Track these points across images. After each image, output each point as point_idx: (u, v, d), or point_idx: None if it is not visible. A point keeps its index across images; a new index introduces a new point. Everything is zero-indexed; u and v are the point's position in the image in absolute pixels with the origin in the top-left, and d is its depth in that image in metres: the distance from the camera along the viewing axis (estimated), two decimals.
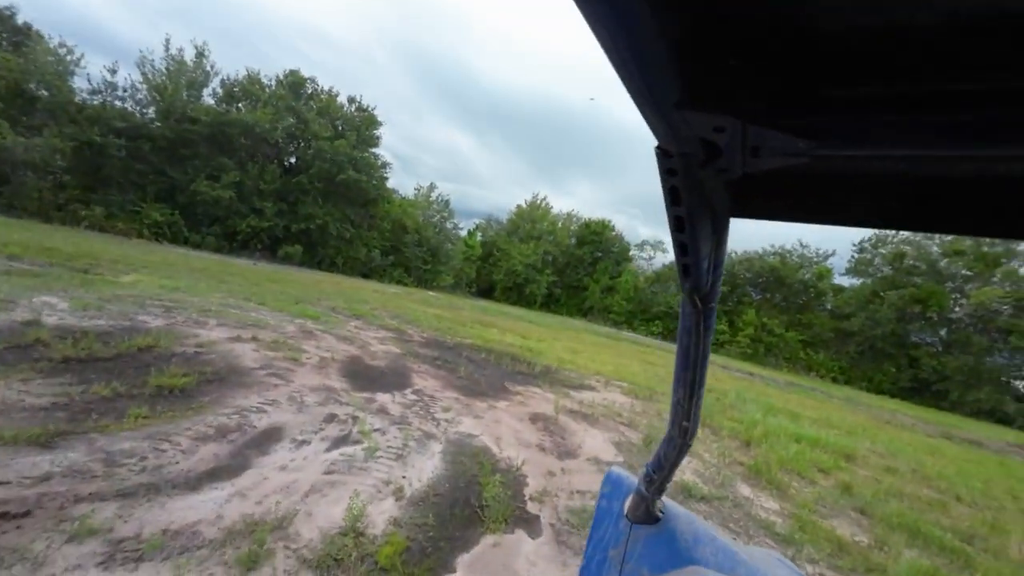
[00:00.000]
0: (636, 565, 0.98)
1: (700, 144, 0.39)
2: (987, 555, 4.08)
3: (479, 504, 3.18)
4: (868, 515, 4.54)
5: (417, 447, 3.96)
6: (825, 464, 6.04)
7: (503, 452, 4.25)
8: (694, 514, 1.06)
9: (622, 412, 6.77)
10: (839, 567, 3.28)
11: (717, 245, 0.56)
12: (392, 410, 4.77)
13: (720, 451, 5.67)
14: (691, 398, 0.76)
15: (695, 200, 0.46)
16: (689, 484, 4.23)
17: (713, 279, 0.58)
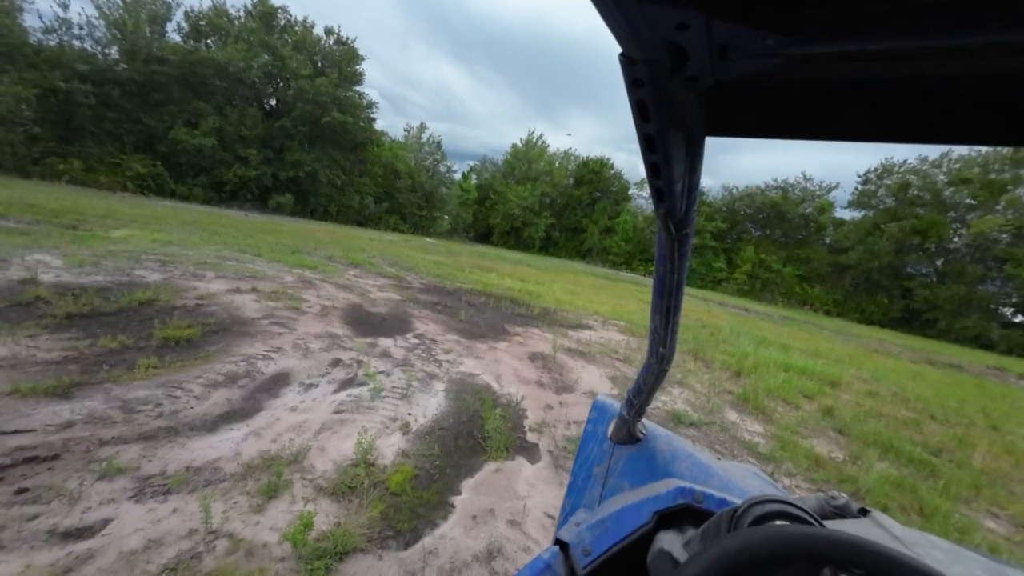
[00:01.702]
0: (617, 480, 1.07)
1: (665, 48, 0.36)
2: (951, 465, 4.43)
3: (481, 436, 3.39)
4: (846, 434, 4.86)
5: (421, 387, 4.14)
6: (810, 390, 6.36)
7: (504, 389, 4.46)
8: (673, 434, 1.13)
9: (618, 349, 7.00)
10: (814, 479, 3.57)
11: (692, 166, 0.54)
12: (395, 353, 4.93)
13: (711, 382, 5.94)
14: (667, 325, 0.78)
15: (665, 115, 0.44)
16: (680, 412, 4.48)
17: (688, 204, 0.57)
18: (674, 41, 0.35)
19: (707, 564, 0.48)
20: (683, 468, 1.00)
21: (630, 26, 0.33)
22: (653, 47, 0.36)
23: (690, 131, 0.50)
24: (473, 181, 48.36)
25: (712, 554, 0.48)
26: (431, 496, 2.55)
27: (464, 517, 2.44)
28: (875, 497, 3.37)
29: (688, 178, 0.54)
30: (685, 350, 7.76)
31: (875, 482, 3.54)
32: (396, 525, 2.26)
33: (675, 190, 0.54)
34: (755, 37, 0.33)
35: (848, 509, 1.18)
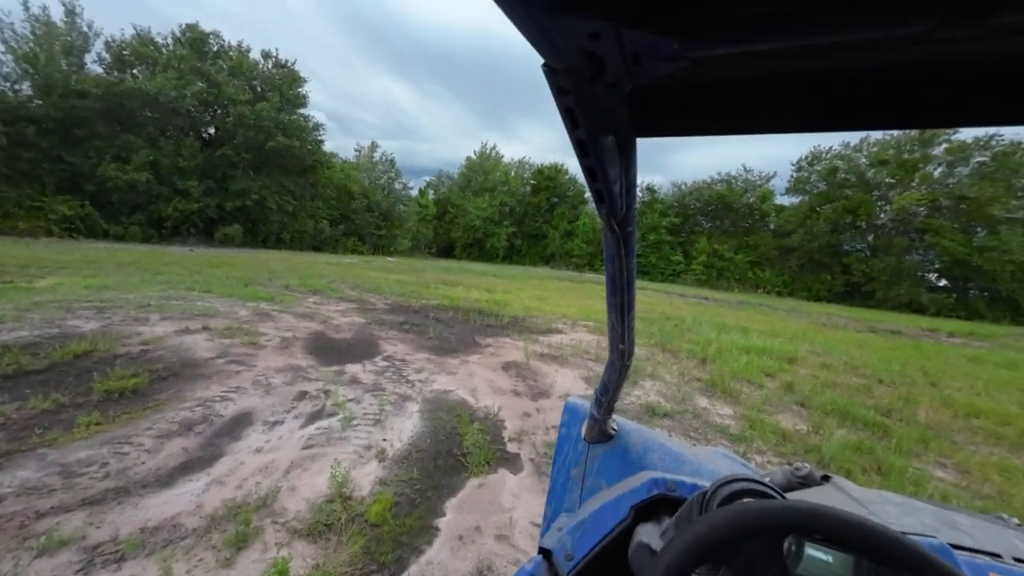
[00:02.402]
0: (595, 479, 1.08)
1: (583, 56, 0.37)
2: (901, 423, 4.78)
3: (461, 453, 3.33)
4: (807, 407, 5.15)
5: (394, 410, 4.02)
6: (771, 369, 6.70)
7: (480, 402, 4.41)
8: (644, 427, 1.16)
9: (589, 349, 7.10)
10: (783, 453, 3.75)
11: (626, 167, 0.56)
12: (364, 379, 4.77)
13: (680, 371, 6.14)
14: (623, 321, 0.80)
15: (593, 121, 0.46)
16: (654, 404, 4.59)
17: (627, 203, 0.59)
18: (590, 50, 0.36)
19: (679, 550, 0.49)
20: (656, 459, 1.03)
21: (545, 38, 0.35)
22: (571, 57, 0.37)
23: (620, 134, 0.52)
24: (431, 196, 48.09)
25: (683, 540, 0.50)
26: (414, 522, 2.47)
27: (450, 539, 2.37)
28: (839, 462, 3.57)
29: (624, 178, 0.57)
30: (653, 343, 7.99)
31: (837, 449, 3.76)
32: (379, 558, 2.16)
33: (613, 191, 0.56)
34: (662, 43, 0.35)
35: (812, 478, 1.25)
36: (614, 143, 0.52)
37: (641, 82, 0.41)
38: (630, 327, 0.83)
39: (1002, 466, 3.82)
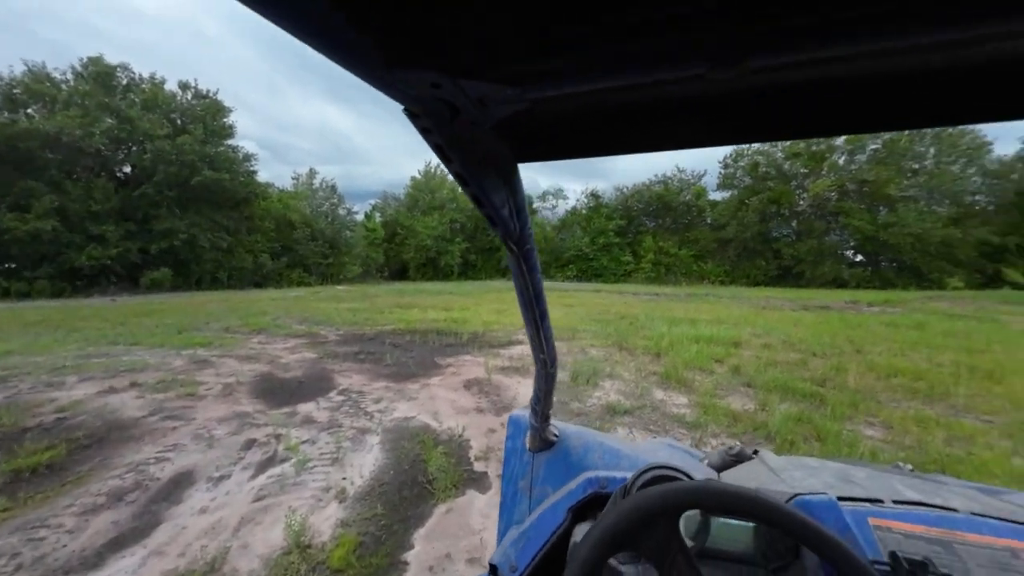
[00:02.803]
0: (541, 488, 1.10)
1: (437, 100, 0.40)
2: (834, 391, 5.22)
3: (426, 480, 3.25)
4: (753, 386, 5.49)
5: (353, 446, 3.85)
6: (719, 355, 7.09)
7: (443, 425, 4.32)
8: (585, 428, 1.20)
9: None
10: (734, 433, 3.97)
11: (512, 191, 0.60)
12: (319, 417, 4.54)
13: (636, 368, 6.36)
14: (539, 332, 0.84)
15: (466, 154, 0.49)
16: (614, 403, 4.71)
17: (520, 223, 0.63)
18: (438, 96, 0.39)
19: (591, 543, 0.52)
20: (596, 459, 1.07)
21: (391, 88, 0.37)
22: (426, 102, 0.40)
23: (499, 163, 0.56)
24: (378, 219, 46.97)
25: (594, 533, 0.52)
26: (380, 560, 2.37)
27: (420, 571, 2.30)
28: (783, 435, 3.84)
29: (512, 202, 0.60)
30: (611, 343, 8.22)
31: (780, 422, 4.04)
32: None
33: (503, 214, 0.59)
34: (498, 89, 0.39)
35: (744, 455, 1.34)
36: (493, 171, 0.56)
37: (490, 124, 0.45)
38: (547, 336, 0.86)
39: (918, 417, 4.27)
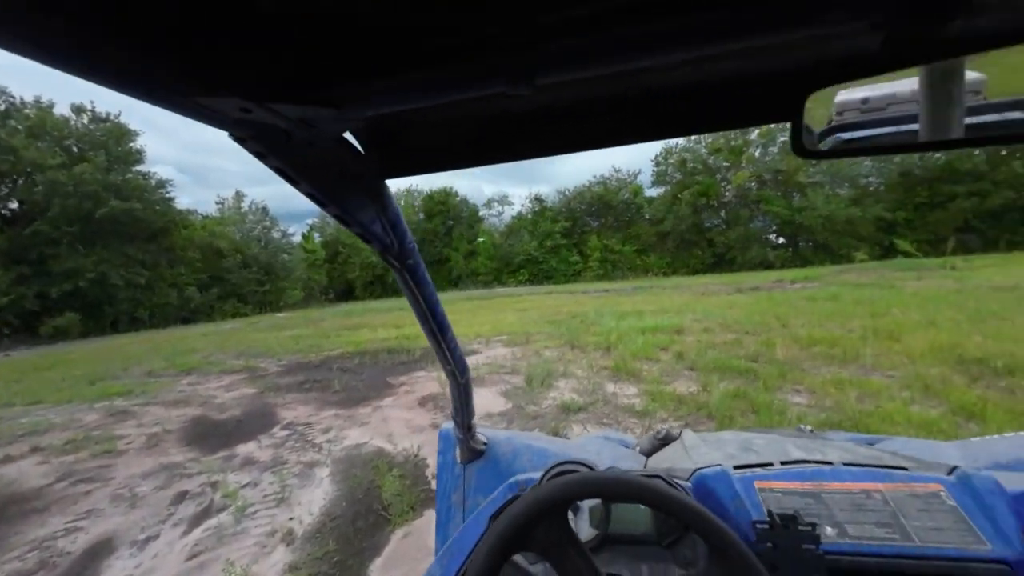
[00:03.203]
0: (473, 499, 1.09)
1: (261, 126, 0.39)
2: (766, 365, 5.65)
3: (382, 506, 3.12)
4: (695, 369, 5.81)
5: (300, 482, 3.62)
6: (664, 343, 7.45)
7: (398, 446, 4.18)
8: (515, 432, 1.21)
9: (505, 364, 7.19)
10: (680, 415, 4.18)
11: (383, 207, 0.59)
12: (260, 457, 4.22)
13: (588, 364, 6.52)
14: (441, 344, 0.84)
15: (316, 175, 0.47)
16: (568, 402, 4.79)
17: (397, 238, 0.62)
18: (256, 120, 0.38)
19: (484, 553, 0.52)
20: (525, 462, 1.07)
21: (204, 116, 0.35)
22: (248, 127, 0.39)
23: (362, 180, 0.55)
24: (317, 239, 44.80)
25: (485, 542, 0.53)
26: None
27: None
28: (723, 411, 4.09)
29: (384, 217, 0.60)
30: (563, 343, 8.38)
31: (719, 400, 4.31)
32: None
33: (375, 231, 0.58)
34: (313, 111, 0.39)
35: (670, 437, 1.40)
36: (356, 188, 0.55)
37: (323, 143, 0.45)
38: (452, 347, 0.86)
39: (835, 380, 4.73)
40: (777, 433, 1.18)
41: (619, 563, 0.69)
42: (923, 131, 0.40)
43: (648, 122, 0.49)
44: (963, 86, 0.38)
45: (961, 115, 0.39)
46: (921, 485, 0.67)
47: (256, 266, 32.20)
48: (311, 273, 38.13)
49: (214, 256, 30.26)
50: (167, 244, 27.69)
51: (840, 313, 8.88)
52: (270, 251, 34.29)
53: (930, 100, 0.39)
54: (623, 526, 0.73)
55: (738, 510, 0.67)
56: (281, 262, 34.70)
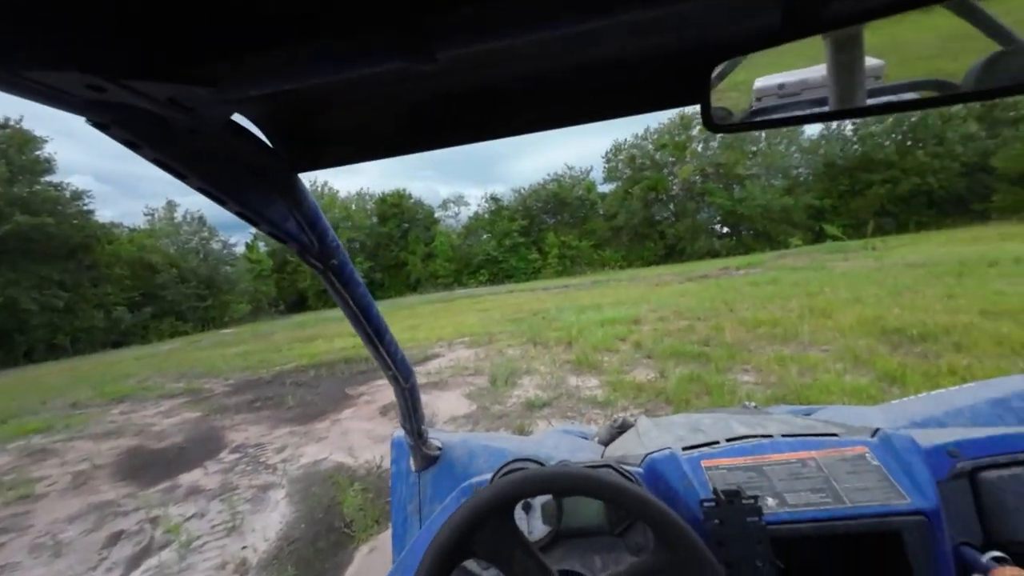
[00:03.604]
0: (431, 508, 1.05)
1: (123, 109, 0.33)
2: (716, 348, 5.95)
3: (344, 523, 2.98)
4: (653, 357, 6.02)
5: (253, 507, 3.39)
6: (622, 334, 7.66)
7: (359, 459, 4.02)
8: (470, 434, 1.18)
9: (468, 365, 7.12)
10: (640, 402, 4.31)
11: (296, 203, 0.54)
12: (207, 484, 3.92)
13: (551, 359, 6.59)
14: (378, 349, 0.79)
15: (207, 168, 0.42)
16: (532, 399, 4.81)
17: (317, 236, 0.57)
18: (114, 101, 0.32)
19: (426, 564, 0.49)
20: (482, 464, 1.04)
21: (47, 97, 0.30)
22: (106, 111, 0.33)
23: (269, 173, 0.50)
24: (262, 249, 42.23)
25: (427, 555, 0.50)
26: None
27: None
28: (680, 394, 4.26)
29: (298, 214, 0.54)
30: (525, 340, 8.42)
31: (676, 384, 4.49)
32: None
33: (289, 229, 0.53)
34: (189, 91, 0.34)
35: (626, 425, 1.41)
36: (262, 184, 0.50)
37: (207, 128, 0.40)
38: (392, 351, 0.82)
39: (778, 358, 5.06)
40: (724, 412, 1.22)
41: (572, 558, 0.68)
42: (830, 101, 0.41)
43: (567, 107, 0.48)
44: (863, 56, 0.39)
45: (862, 86, 0.40)
46: (849, 449, 0.70)
47: (195, 280, 29.96)
48: (258, 285, 35.98)
49: (146, 272, 27.86)
50: (88, 262, 25.17)
51: (780, 295, 9.52)
52: (210, 263, 32.05)
53: (834, 71, 0.40)
54: (577, 519, 0.72)
55: (687, 490, 0.68)
56: (224, 275, 32.55)
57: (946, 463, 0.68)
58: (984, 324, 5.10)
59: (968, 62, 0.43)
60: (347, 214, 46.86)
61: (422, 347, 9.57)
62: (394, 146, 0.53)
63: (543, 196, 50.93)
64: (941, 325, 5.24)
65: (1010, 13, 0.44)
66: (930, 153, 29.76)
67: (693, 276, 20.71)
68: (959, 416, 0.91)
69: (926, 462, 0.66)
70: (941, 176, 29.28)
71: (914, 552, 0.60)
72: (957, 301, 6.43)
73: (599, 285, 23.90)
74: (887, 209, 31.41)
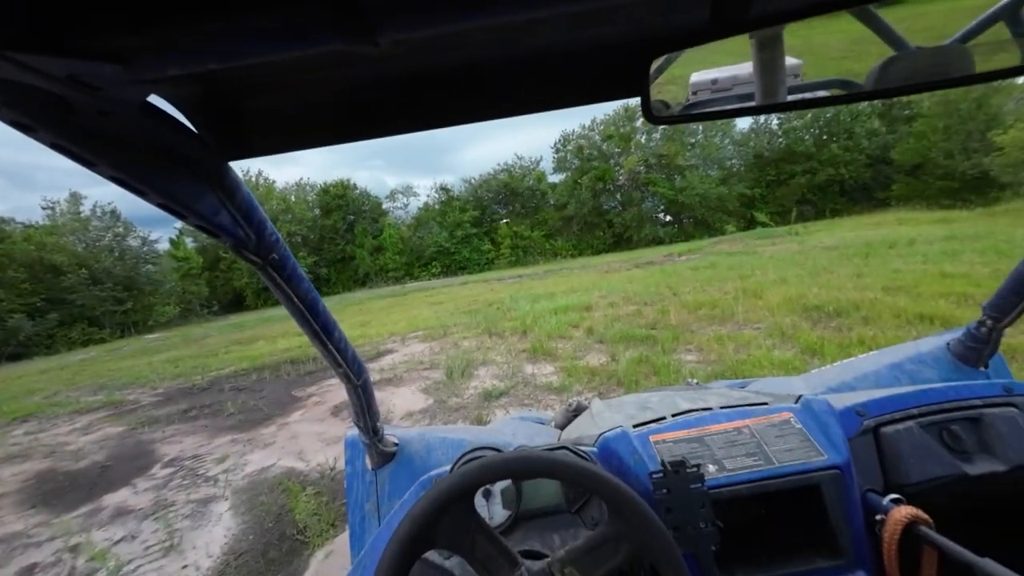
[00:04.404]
0: (389, 505, 1.03)
1: (14, 86, 0.29)
2: (663, 330, 6.28)
3: (297, 530, 2.86)
4: (604, 342, 6.25)
5: (193, 523, 3.16)
6: (575, 321, 7.88)
7: (311, 462, 3.86)
8: (428, 428, 1.17)
9: (423, 359, 7.02)
10: (594, 385, 4.48)
11: (229, 194, 0.50)
12: (137, 504, 3.59)
13: (506, 349, 6.65)
14: (326, 344, 0.76)
15: (121, 155, 0.38)
16: (489, 389, 4.84)
17: (254, 230, 0.54)
18: (12, 79, 0.28)
19: (387, 558, 0.49)
20: (441, 456, 1.04)
21: None
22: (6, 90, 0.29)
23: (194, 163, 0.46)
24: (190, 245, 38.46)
25: (390, 546, 0.50)
26: None
27: None
28: (630, 376, 4.47)
29: (230, 205, 0.51)
30: (481, 331, 8.42)
31: (626, 367, 4.70)
32: None
33: (221, 223, 0.49)
34: (83, 68, 0.30)
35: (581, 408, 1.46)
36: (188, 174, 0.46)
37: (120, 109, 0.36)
38: (341, 347, 0.79)
39: (717, 337, 5.45)
40: (670, 390, 1.30)
41: (532, 538, 0.70)
42: (756, 96, 0.45)
43: (511, 96, 0.48)
44: (784, 55, 0.42)
45: (783, 82, 0.44)
46: (777, 415, 0.78)
47: (111, 282, 26.89)
48: (186, 284, 32.91)
49: (48, 274, 24.66)
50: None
51: (718, 279, 10.21)
52: (127, 262, 28.88)
53: (759, 69, 0.43)
54: (536, 501, 0.75)
55: (637, 464, 0.72)
56: (145, 274, 29.50)
57: (855, 422, 0.77)
58: (885, 299, 5.78)
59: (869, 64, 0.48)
60: (287, 206, 44.07)
61: (374, 343, 9.30)
62: (332, 134, 0.51)
63: (494, 186, 50.71)
64: (851, 301, 5.88)
65: (903, 21, 0.49)
66: (842, 147, 33.05)
67: (640, 263, 21.62)
68: (865, 380, 1.04)
69: (839, 422, 0.75)
70: (851, 168, 32.61)
71: (830, 501, 0.68)
72: (864, 279, 7.24)
73: (552, 274, 24.33)
74: (807, 197, 34.52)
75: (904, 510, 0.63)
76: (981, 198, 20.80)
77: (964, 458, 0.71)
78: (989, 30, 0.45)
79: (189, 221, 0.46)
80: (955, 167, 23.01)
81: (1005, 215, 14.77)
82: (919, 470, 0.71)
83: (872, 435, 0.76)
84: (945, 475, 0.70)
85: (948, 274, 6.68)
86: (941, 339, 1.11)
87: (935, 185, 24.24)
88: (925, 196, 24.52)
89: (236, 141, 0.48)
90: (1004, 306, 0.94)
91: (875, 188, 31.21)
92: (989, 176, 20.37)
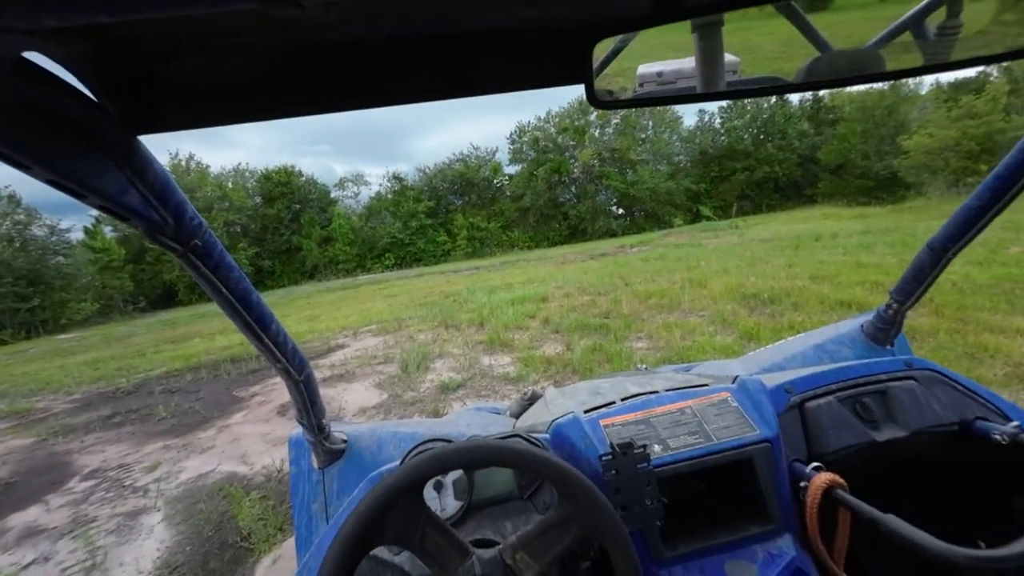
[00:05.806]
0: (337, 504, 1.00)
1: None
2: (615, 319, 6.51)
3: (240, 537, 2.70)
4: (560, 332, 6.38)
5: (119, 538, 2.90)
6: (532, 311, 7.97)
7: (255, 466, 3.65)
8: (378, 423, 1.14)
9: (377, 354, 6.82)
10: (550, 374, 4.57)
11: (138, 172, 0.45)
12: (51, 522, 3.24)
13: (463, 341, 6.61)
14: (263, 339, 0.72)
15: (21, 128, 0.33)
16: (446, 382, 4.80)
17: (173, 213, 0.48)
18: None
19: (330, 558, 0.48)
20: (392, 451, 1.02)
21: None
22: None
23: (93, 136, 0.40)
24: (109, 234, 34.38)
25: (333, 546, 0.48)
26: None
27: None
28: (585, 364, 4.60)
29: (141, 186, 0.45)
30: (437, 323, 8.31)
31: (581, 355, 4.83)
32: None
33: (131, 204, 0.44)
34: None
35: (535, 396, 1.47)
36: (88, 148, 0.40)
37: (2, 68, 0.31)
38: (280, 341, 0.74)
39: (666, 325, 5.73)
40: (621, 375, 1.35)
41: (485, 527, 0.71)
42: (698, 85, 0.46)
43: (452, 77, 0.47)
44: (722, 45, 0.44)
45: (723, 74, 0.45)
46: (716, 395, 0.83)
47: (11, 276, 23.79)
48: (106, 278, 29.60)
49: None
50: None
51: (666, 269, 10.70)
52: (32, 254, 25.64)
53: (700, 58, 0.45)
54: (488, 490, 0.75)
55: (588, 448, 0.74)
56: (55, 267, 26.38)
57: (783, 398, 0.83)
58: (812, 287, 6.33)
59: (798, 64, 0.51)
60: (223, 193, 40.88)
61: (324, 338, 8.91)
62: (259, 108, 0.46)
63: (449, 176, 49.84)
64: (783, 289, 6.38)
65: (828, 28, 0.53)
66: (776, 146, 35.63)
67: (594, 254, 22.20)
68: (793, 360, 1.13)
69: (770, 399, 0.81)
70: (784, 166, 35.26)
71: (762, 472, 0.74)
72: (794, 269, 7.88)
73: (508, 265, 24.41)
74: (746, 193, 36.93)
75: (823, 476, 0.69)
76: (891, 196, 23.27)
77: (873, 426, 0.80)
78: (898, 37, 0.50)
79: (89, 201, 0.41)
80: (870, 167, 25.56)
81: (911, 211, 16.60)
82: (836, 439, 0.78)
83: (798, 410, 0.83)
84: (857, 443, 0.78)
85: (864, 264, 7.43)
86: (856, 321, 1.23)
87: (854, 183, 26.78)
88: (846, 193, 27.03)
89: (144, 111, 0.42)
90: (906, 291, 1.06)
91: (804, 185, 33.97)
92: (898, 176, 22.77)
